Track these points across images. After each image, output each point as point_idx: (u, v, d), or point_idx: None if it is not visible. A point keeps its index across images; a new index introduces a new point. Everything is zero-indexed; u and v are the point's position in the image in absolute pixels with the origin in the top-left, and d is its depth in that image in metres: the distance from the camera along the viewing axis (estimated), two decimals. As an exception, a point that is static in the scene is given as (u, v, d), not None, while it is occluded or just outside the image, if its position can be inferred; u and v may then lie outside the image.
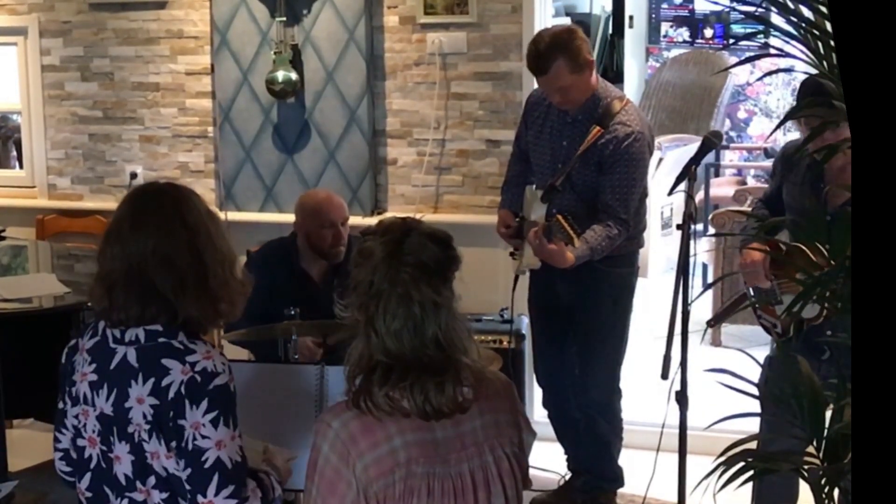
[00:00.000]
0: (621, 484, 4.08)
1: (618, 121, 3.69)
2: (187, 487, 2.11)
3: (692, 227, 3.27)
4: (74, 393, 2.23)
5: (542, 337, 4.09)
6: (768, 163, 7.20)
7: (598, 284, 3.80)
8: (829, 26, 1.83)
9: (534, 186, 3.82)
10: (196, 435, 2.09)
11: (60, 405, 2.28)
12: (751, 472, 2.15)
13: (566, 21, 8.21)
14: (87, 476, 2.23)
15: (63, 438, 2.30)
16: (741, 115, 8.25)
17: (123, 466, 2.16)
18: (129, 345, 2.16)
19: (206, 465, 2.09)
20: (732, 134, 8.17)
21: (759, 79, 7.98)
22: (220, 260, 2.22)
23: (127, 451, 2.15)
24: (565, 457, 4.21)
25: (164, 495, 2.14)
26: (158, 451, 2.12)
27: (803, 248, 2.77)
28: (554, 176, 3.75)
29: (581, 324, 3.93)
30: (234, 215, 5.03)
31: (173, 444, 2.10)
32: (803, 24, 1.96)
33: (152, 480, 2.14)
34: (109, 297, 2.18)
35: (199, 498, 2.10)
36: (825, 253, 2.21)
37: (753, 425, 2.58)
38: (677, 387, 3.16)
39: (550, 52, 3.62)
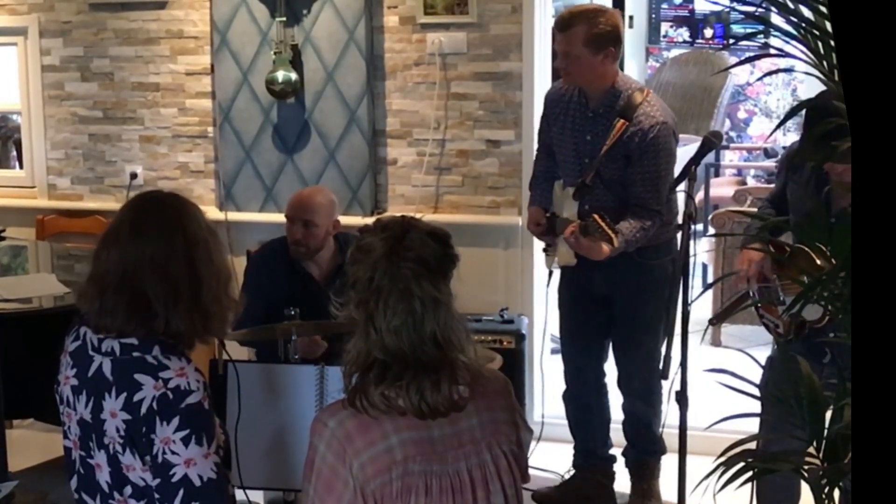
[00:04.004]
0: (664, 452, 4.10)
1: (641, 112, 3.71)
2: (157, 496, 2.10)
3: (692, 227, 3.28)
4: (59, 392, 2.23)
5: (574, 326, 4.10)
6: (768, 163, 7.22)
7: (636, 276, 3.82)
8: (829, 26, 1.83)
9: (562, 182, 3.86)
10: (165, 449, 2.07)
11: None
12: (751, 473, 2.15)
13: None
14: (75, 478, 2.24)
15: None
16: (741, 115, 8.26)
17: (103, 475, 2.15)
18: (105, 355, 2.14)
19: (173, 480, 2.07)
20: (732, 134, 8.18)
21: (759, 79, 8.00)
22: (216, 275, 2.20)
23: (105, 460, 2.14)
24: (572, 452, 4.22)
25: None
26: (134, 464, 2.11)
27: (806, 249, 2.77)
28: (581, 172, 3.79)
29: (620, 315, 3.96)
30: (234, 215, 5.03)
31: (147, 457, 2.09)
32: (803, 24, 1.95)
33: (129, 490, 2.13)
34: (101, 300, 2.16)
35: None
36: (828, 254, 2.21)
37: (753, 425, 2.58)
38: (677, 387, 3.17)
39: (578, 15, 3.72)
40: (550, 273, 3.97)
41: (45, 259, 4.86)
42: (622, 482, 4.19)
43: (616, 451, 4.21)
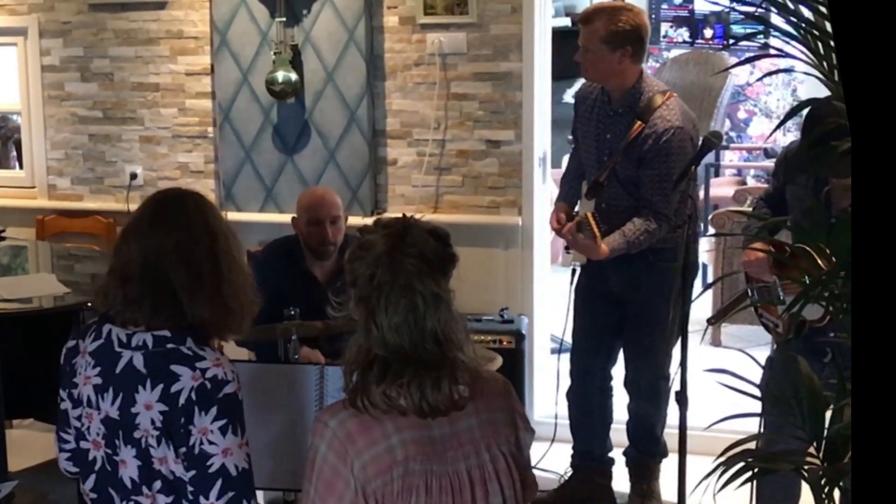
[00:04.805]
0: (665, 455, 4.11)
1: (658, 115, 3.74)
2: (190, 489, 2.10)
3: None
4: (77, 395, 2.21)
5: (586, 325, 4.11)
6: (768, 163, 7.21)
7: (650, 277, 3.83)
8: (829, 26, 1.83)
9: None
10: (203, 440, 2.08)
11: (62, 406, 2.26)
12: (750, 473, 2.15)
13: (566, 21, 8.21)
14: (92, 478, 2.23)
15: (69, 438, 2.28)
16: (741, 115, 8.25)
17: (129, 470, 2.15)
18: (136, 350, 2.14)
19: (211, 470, 2.08)
20: (732, 134, 8.17)
21: (759, 79, 7.98)
22: (237, 271, 2.22)
23: (133, 455, 2.14)
24: (571, 452, 4.22)
25: (170, 499, 2.13)
26: (167, 457, 2.11)
27: (808, 249, 2.76)
28: (600, 170, 3.81)
29: (633, 316, 3.97)
30: (234, 215, 5.02)
31: (182, 449, 2.09)
32: (803, 24, 1.96)
33: (158, 485, 2.14)
34: (123, 292, 2.16)
35: (202, 500, 2.09)
36: (829, 255, 2.21)
37: (754, 425, 2.58)
38: (677, 387, 3.17)
39: (601, 10, 3.78)
40: (574, 271, 4.00)
41: (45, 259, 4.87)
42: (622, 482, 4.20)
43: (616, 452, 4.21)
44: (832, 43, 1.87)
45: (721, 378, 2.31)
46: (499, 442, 2.05)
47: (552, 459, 4.32)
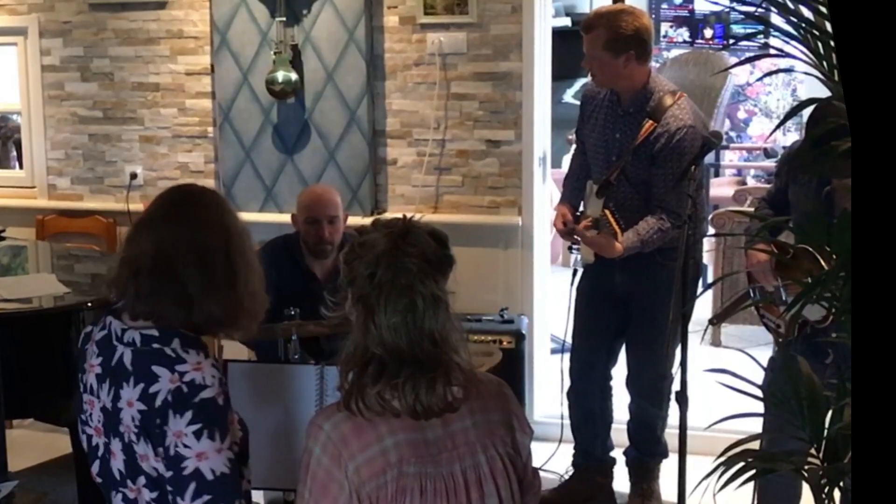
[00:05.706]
0: (666, 456, 4.12)
1: (670, 114, 3.75)
2: (169, 488, 2.10)
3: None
4: (84, 381, 2.24)
5: (588, 325, 4.10)
6: (768, 163, 7.23)
7: (656, 277, 3.82)
8: (829, 26, 1.83)
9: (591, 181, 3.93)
10: (178, 443, 2.07)
11: (81, 389, 2.27)
12: (751, 473, 2.15)
13: (566, 21, 8.22)
14: (97, 462, 2.25)
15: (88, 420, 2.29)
16: (741, 115, 8.25)
17: (117, 462, 2.17)
18: (127, 346, 2.15)
19: (185, 473, 2.07)
20: (732, 134, 8.18)
21: (759, 79, 7.99)
22: (251, 270, 2.21)
23: (119, 448, 2.15)
24: (572, 452, 4.22)
25: (154, 495, 2.14)
26: (147, 454, 2.11)
27: (810, 249, 2.77)
28: (608, 170, 3.83)
29: (637, 315, 3.98)
30: (234, 215, 5.02)
31: (160, 448, 2.09)
32: (803, 24, 1.96)
33: (142, 480, 2.14)
34: (135, 283, 2.15)
35: (178, 500, 2.09)
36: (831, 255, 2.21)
37: (754, 425, 2.58)
38: (677, 387, 3.17)
39: (601, 17, 3.79)
40: (575, 272, 4.01)
41: (45, 259, 4.86)
42: (622, 482, 4.20)
43: (616, 452, 4.21)
44: (832, 43, 1.87)
45: (721, 378, 2.31)
46: (494, 443, 2.05)
47: (553, 459, 4.32)
